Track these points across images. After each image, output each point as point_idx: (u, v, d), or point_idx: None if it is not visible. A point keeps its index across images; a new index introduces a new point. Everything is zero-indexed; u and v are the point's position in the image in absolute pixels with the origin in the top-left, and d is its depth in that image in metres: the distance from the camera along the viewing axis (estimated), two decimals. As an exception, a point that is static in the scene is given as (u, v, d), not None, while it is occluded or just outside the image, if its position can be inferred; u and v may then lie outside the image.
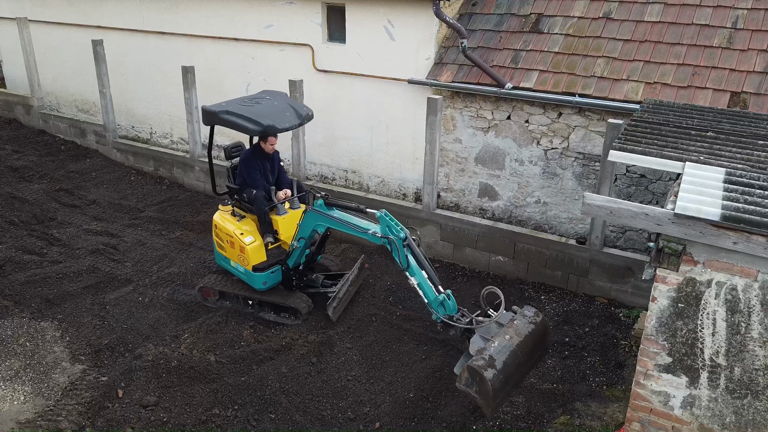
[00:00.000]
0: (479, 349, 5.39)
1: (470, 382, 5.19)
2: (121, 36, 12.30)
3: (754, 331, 3.96)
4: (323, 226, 6.96)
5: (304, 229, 7.06)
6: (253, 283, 7.33)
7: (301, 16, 10.05)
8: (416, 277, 6.08)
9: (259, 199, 7.14)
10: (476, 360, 5.19)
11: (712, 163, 4.60)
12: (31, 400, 6.15)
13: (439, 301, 5.93)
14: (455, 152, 9.41)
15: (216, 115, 6.96)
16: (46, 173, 11.45)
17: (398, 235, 6.15)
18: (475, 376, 5.13)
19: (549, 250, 8.20)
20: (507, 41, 8.91)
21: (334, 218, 6.72)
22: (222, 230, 7.46)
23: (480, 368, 5.09)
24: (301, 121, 7.14)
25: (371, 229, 6.38)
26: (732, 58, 7.65)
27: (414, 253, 6.18)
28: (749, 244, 3.72)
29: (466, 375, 5.20)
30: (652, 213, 3.97)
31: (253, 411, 6.06)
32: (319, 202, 6.82)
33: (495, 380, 5.10)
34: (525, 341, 5.47)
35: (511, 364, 5.30)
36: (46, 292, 7.87)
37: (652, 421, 4.49)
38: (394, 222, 6.25)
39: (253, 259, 7.19)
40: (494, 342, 5.38)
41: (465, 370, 5.20)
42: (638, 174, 8.05)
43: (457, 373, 5.50)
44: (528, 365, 5.66)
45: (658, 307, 4.20)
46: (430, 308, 6.02)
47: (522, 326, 5.59)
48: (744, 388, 4.11)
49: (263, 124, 6.74)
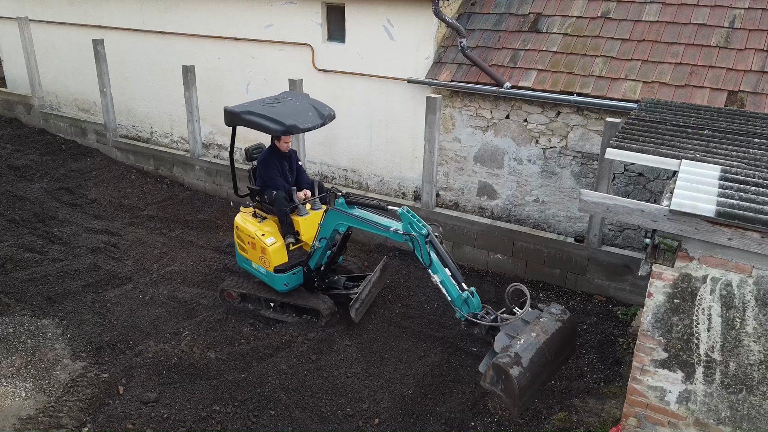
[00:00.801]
0: (505, 347, 5.30)
1: (495, 380, 5.09)
2: (122, 35, 12.34)
3: (749, 326, 4.01)
4: (345, 225, 6.89)
5: (326, 228, 7.00)
6: (274, 284, 7.26)
7: (300, 15, 10.10)
8: (439, 274, 6.05)
9: (280, 200, 7.10)
10: (501, 357, 5.08)
11: (708, 160, 4.64)
12: (33, 396, 6.19)
13: (463, 299, 5.90)
14: (454, 151, 9.45)
15: (238, 115, 6.88)
16: (46, 172, 11.49)
17: (420, 232, 6.12)
18: (500, 373, 5.04)
19: (547, 248, 8.24)
20: (506, 41, 8.95)
21: (356, 217, 6.67)
22: (243, 231, 7.38)
23: (506, 365, 5.00)
24: (324, 120, 7.00)
25: (393, 227, 6.33)
26: (729, 58, 7.69)
27: (437, 250, 6.14)
28: (744, 240, 3.76)
29: (491, 373, 5.10)
30: (648, 209, 4.01)
31: (252, 407, 6.10)
32: (340, 200, 6.76)
33: (521, 378, 5.01)
34: (552, 339, 5.39)
35: (538, 362, 5.20)
36: (47, 289, 7.92)
37: (648, 416, 4.53)
38: (416, 218, 6.23)
39: (275, 260, 7.13)
40: (520, 339, 5.29)
41: (490, 367, 5.11)
42: (636, 173, 8.10)
43: (482, 372, 5.41)
44: (555, 364, 5.56)
45: (654, 303, 4.24)
46: (454, 306, 5.98)
47: (549, 324, 5.51)
48: (739, 383, 4.15)
49: (286, 123, 6.65)
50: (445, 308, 7.74)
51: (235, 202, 7.82)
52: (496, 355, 5.31)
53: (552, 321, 5.55)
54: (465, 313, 5.92)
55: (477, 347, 7.02)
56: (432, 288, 8.16)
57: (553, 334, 5.41)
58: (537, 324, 5.48)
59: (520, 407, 5.17)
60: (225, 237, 9.42)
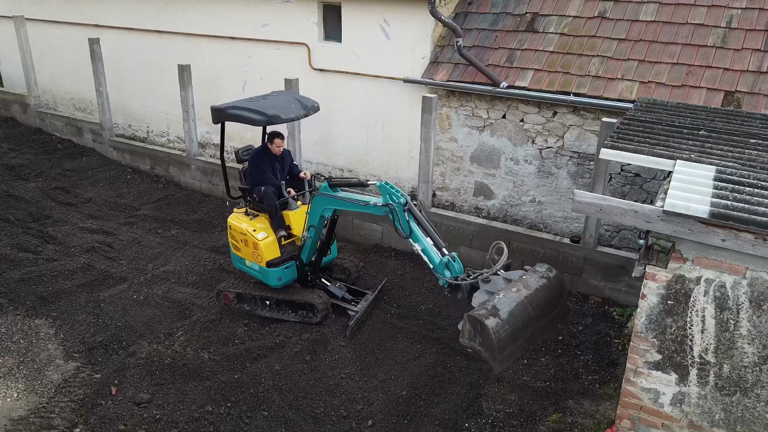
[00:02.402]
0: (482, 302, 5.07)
1: (473, 335, 4.81)
2: (118, 35, 12.30)
3: (743, 328, 3.97)
4: (330, 209, 6.95)
5: (313, 215, 7.07)
6: (267, 279, 7.29)
7: (297, 15, 10.06)
8: (419, 243, 6.02)
9: (268, 194, 7.19)
10: (478, 309, 4.83)
11: (702, 161, 4.60)
12: (24, 397, 6.16)
13: (444, 263, 5.82)
14: (451, 151, 9.42)
15: (223, 111, 7.10)
16: (42, 171, 11.45)
17: (399, 201, 6.13)
18: (476, 325, 4.77)
19: (543, 248, 8.20)
20: (502, 40, 8.92)
21: (340, 198, 6.74)
22: (236, 230, 7.43)
23: (481, 317, 4.74)
24: (307, 111, 7.25)
25: (372, 201, 6.42)
26: (726, 58, 7.66)
27: (416, 218, 6.11)
28: (738, 241, 3.73)
29: (468, 327, 4.83)
30: (642, 210, 3.97)
31: (246, 408, 6.07)
32: (324, 184, 6.87)
33: (499, 329, 4.74)
34: (536, 294, 5.14)
35: (519, 316, 4.94)
36: (40, 289, 7.88)
37: (642, 419, 4.50)
38: (394, 189, 6.24)
39: (267, 254, 7.19)
40: (499, 294, 5.06)
41: (466, 321, 4.84)
42: (633, 173, 8.07)
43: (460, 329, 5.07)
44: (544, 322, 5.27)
45: (648, 305, 4.21)
46: (436, 273, 5.90)
47: (532, 280, 5.28)
48: (733, 385, 4.12)
49: (268, 114, 6.87)
50: (440, 309, 7.72)
51: (231, 202, 7.83)
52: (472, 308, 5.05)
53: (536, 278, 5.31)
54: (447, 278, 5.81)
55: (472, 348, 7.00)
56: (427, 289, 8.16)
57: (536, 290, 5.16)
58: (519, 281, 5.25)
59: (501, 361, 4.84)
60: (220, 237, 9.38)
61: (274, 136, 7.31)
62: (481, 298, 5.28)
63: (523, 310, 4.99)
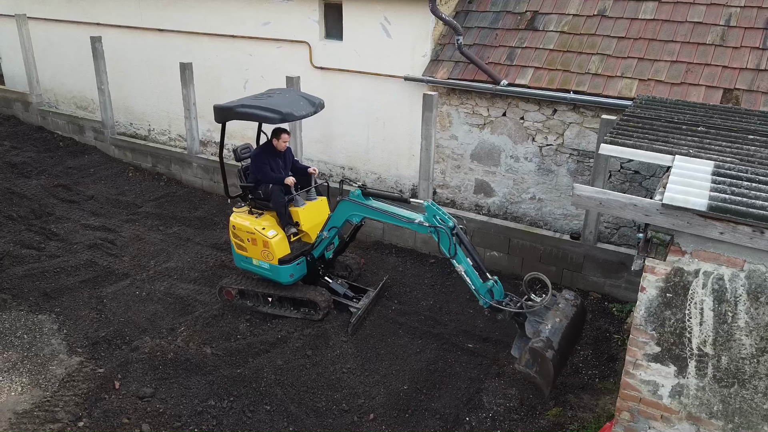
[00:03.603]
0: (536, 331, 5.61)
1: (530, 363, 5.40)
2: (120, 33, 12.36)
3: (741, 320, 4.02)
4: (359, 216, 6.94)
5: (337, 218, 7.07)
6: (279, 277, 7.28)
7: (298, 13, 10.11)
8: (462, 264, 6.18)
9: (276, 192, 7.18)
10: (536, 342, 5.41)
11: (701, 156, 4.65)
12: (29, 391, 6.20)
13: (488, 288, 6.09)
14: (451, 149, 9.47)
15: (232, 110, 6.94)
16: (44, 169, 11.50)
17: (447, 224, 6.22)
18: (536, 357, 5.35)
19: (543, 245, 8.26)
20: (502, 38, 8.98)
21: (374, 208, 6.72)
22: (242, 229, 7.35)
23: (542, 350, 5.33)
24: (315, 109, 7.21)
25: (417, 219, 6.39)
26: (725, 56, 7.72)
27: (462, 241, 6.27)
28: (735, 234, 3.77)
29: (527, 356, 5.41)
30: (641, 204, 4.02)
31: (248, 402, 6.11)
32: (357, 192, 6.83)
33: (554, 360, 5.35)
34: (571, 323, 5.75)
35: (563, 345, 5.57)
36: (43, 285, 7.93)
37: (641, 411, 4.54)
38: (441, 211, 6.32)
39: (278, 252, 7.19)
40: (547, 324, 5.61)
41: (527, 351, 5.41)
42: (632, 170, 8.12)
43: (516, 356, 5.80)
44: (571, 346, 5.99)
45: (647, 297, 4.26)
46: (477, 294, 6.18)
47: (567, 309, 5.89)
48: (731, 376, 4.17)
49: (283, 111, 6.78)
50: (440, 305, 7.78)
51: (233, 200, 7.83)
52: (528, 339, 5.64)
53: (569, 306, 5.94)
54: (489, 300, 6.09)
55: (472, 344, 7.05)
56: (428, 286, 8.22)
57: (571, 319, 5.79)
58: (557, 309, 5.86)
59: (551, 387, 5.52)
60: (222, 234, 9.43)
61: (280, 131, 7.27)
62: (532, 327, 5.82)
63: (564, 338, 5.63)
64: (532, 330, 5.75)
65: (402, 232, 9.13)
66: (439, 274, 8.50)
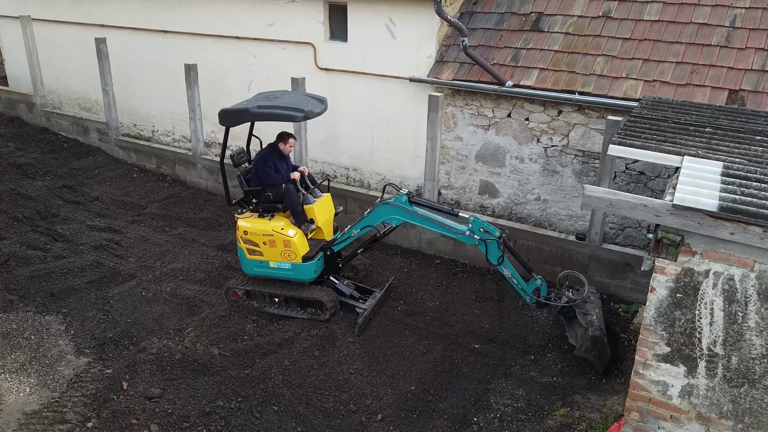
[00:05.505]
0: (588, 321, 6.47)
1: (590, 349, 6.29)
2: (124, 34, 12.37)
3: (751, 320, 4.04)
4: (399, 220, 7.07)
5: (374, 218, 7.19)
6: (303, 275, 7.34)
7: (302, 14, 10.13)
8: (509, 269, 6.69)
9: (291, 191, 7.25)
10: (594, 330, 6.32)
11: (710, 157, 4.67)
12: (37, 391, 6.22)
13: (536, 286, 6.67)
14: (456, 150, 9.49)
15: (247, 111, 6.85)
16: (49, 170, 11.51)
17: (495, 235, 6.58)
18: (597, 343, 6.28)
19: (549, 246, 8.27)
20: (507, 39, 8.99)
21: (417, 214, 6.90)
22: (256, 233, 7.24)
23: (602, 336, 6.31)
24: (325, 107, 7.34)
25: (466, 230, 6.68)
26: (730, 57, 7.73)
27: (509, 249, 6.78)
28: (746, 235, 3.79)
29: (588, 344, 6.28)
30: (651, 204, 4.04)
31: (256, 403, 6.13)
32: (403, 198, 6.97)
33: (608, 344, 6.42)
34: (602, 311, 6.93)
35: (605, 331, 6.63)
36: (50, 286, 7.94)
37: (650, 411, 4.55)
38: (485, 224, 6.67)
39: (302, 249, 7.26)
40: (593, 315, 6.58)
41: (588, 339, 6.27)
42: (637, 171, 8.13)
43: (574, 343, 6.64)
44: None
45: (657, 298, 4.27)
46: (524, 293, 6.79)
47: (597, 301, 7.00)
48: (741, 377, 4.18)
49: (304, 109, 6.83)
50: (446, 306, 7.80)
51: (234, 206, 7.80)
52: (584, 328, 6.45)
53: (597, 299, 7.06)
54: (537, 298, 6.70)
55: (479, 344, 7.07)
56: (433, 286, 8.24)
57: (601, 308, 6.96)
58: (593, 303, 6.85)
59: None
60: (227, 235, 9.45)
61: (287, 135, 7.33)
62: (582, 318, 6.58)
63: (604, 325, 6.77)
64: (585, 320, 6.50)
65: (407, 233, 9.15)
66: (445, 275, 8.51)
